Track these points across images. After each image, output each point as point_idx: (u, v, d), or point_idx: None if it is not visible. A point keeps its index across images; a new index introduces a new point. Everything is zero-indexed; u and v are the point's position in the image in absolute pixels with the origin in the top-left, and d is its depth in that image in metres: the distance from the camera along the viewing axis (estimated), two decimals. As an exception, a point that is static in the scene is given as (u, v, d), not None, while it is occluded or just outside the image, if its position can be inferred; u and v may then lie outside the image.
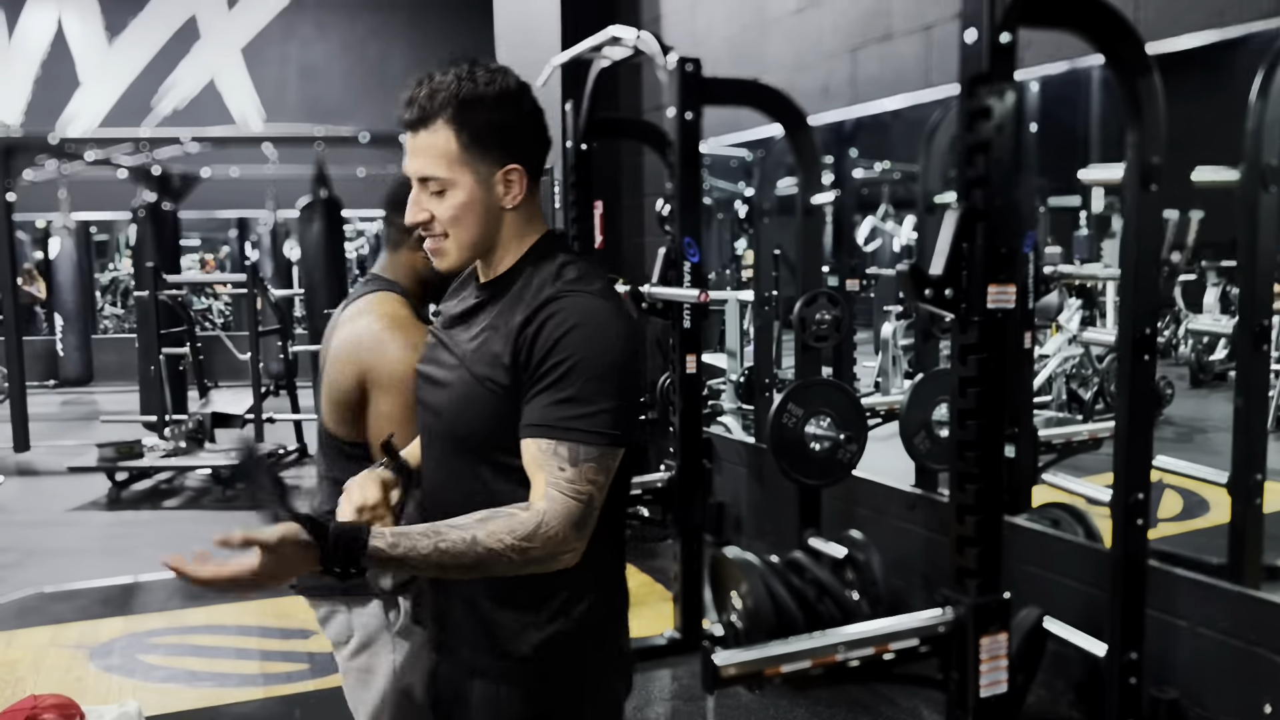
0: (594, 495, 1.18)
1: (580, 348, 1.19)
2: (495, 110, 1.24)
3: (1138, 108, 2.37)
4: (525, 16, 5.97)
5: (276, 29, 11.38)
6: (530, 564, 1.16)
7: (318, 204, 7.12)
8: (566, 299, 1.22)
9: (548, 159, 1.36)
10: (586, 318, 1.21)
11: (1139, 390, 2.44)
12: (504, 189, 1.27)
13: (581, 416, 1.17)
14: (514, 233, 1.30)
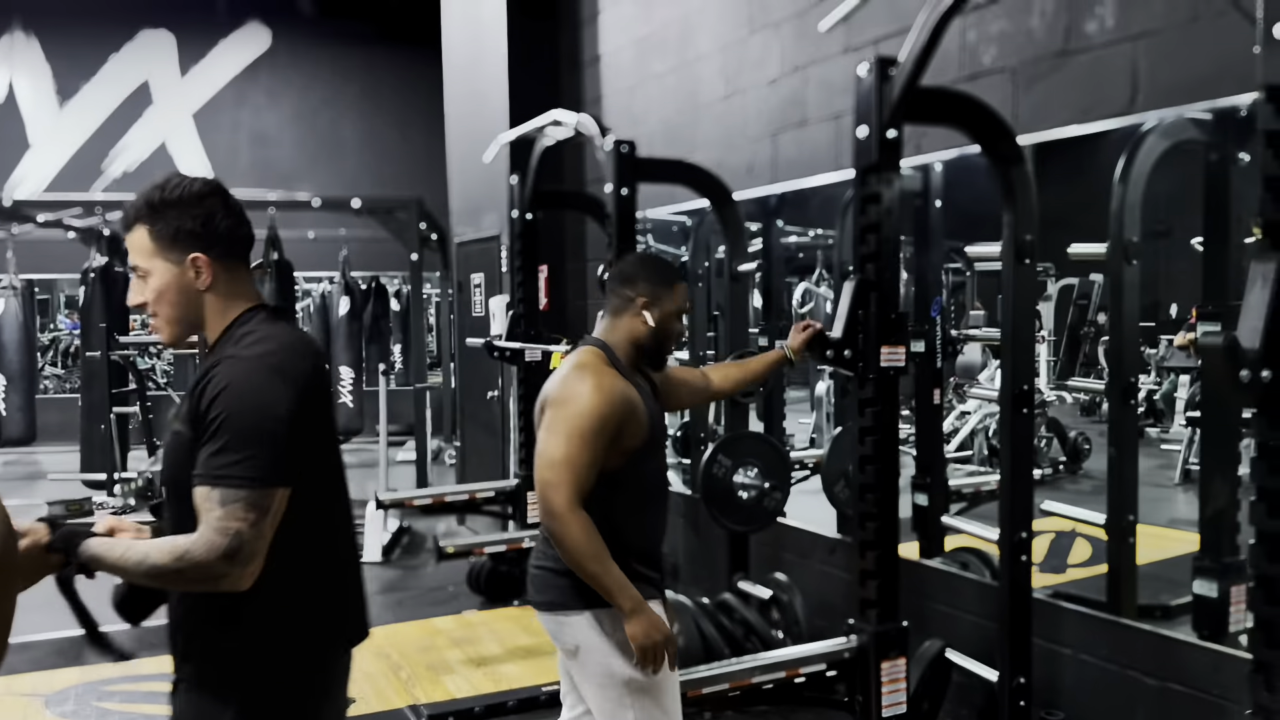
0: (243, 530, 1.39)
1: (230, 404, 1.43)
2: (177, 212, 1.52)
3: (1011, 192, 2.72)
4: (475, 93, 6.31)
5: (228, 96, 11.60)
6: (190, 583, 1.44)
7: (269, 265, 7.30)
8: (225, 364, 1.48)
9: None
10: (238, 379, 1.45)
11: (1019, 440, 2.76)
12: (194, 274, 1.53)
13: (230, 464, 1.40)
14: (216, 309, 1.56)
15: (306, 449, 1.51)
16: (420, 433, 6.94)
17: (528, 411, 4.70)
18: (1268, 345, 1.62)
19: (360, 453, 10.21)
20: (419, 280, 7.97)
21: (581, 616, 2.06)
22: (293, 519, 1.47)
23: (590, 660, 2.09)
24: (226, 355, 1.50)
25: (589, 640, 2.08)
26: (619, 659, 2.06)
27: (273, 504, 1.43)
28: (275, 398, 1.46)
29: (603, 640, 2.06)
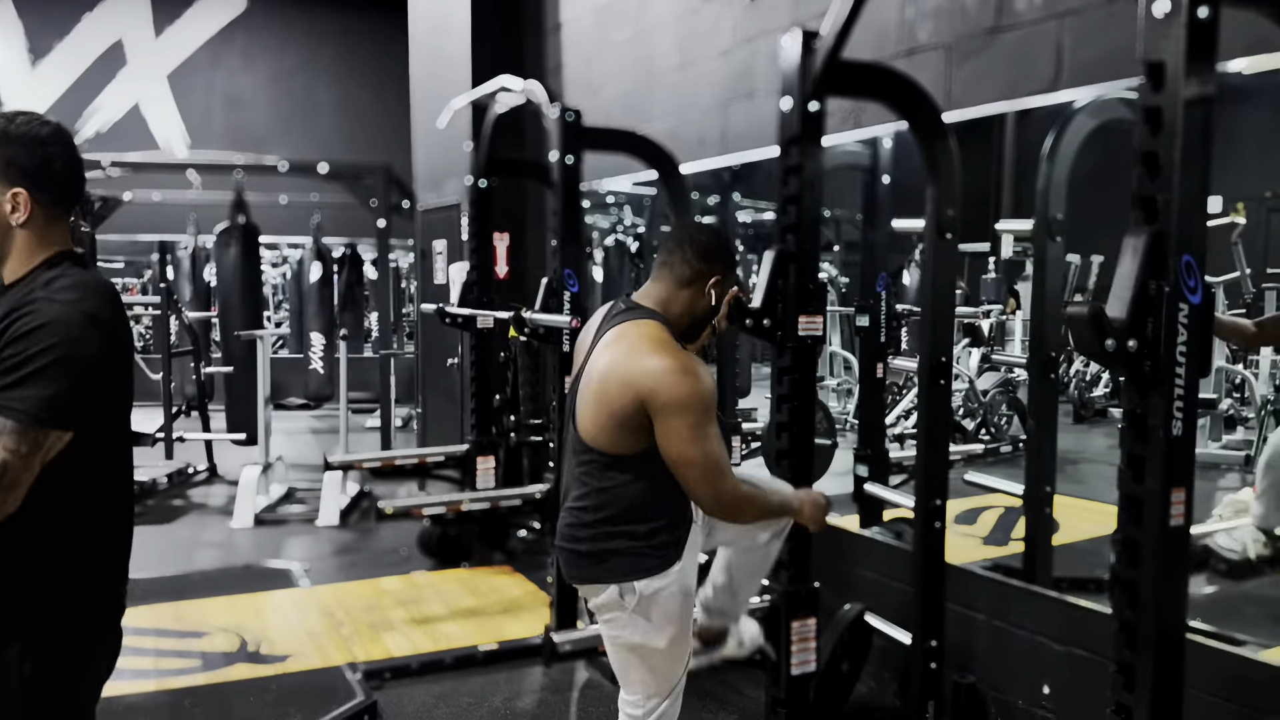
0: (10, 460, 1.41)
1: (40, 342, 1.45)
2: (16, 148, 1.55)
3: (935, 167, 2.77)
4: (438, 58, 6.29)
5: (203, 58, 11.51)
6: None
7: (235, 230, 7.29)
8: (41, 304, 1.49)
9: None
10: (55, 320, 1.47)
11: (936, 410, 2.82)
12: (10, 208, 1.56)
13: (19, 398, 1.43)
14: (24, 247, 1.58)
15: (101, 399, 1.55)
16: (385, 399, 6.97)
17: (479, 377, 4.74)
18: (1134, 316, 1.68)
19: (329, 418, 10.24)
20: (386, 247, 7.98)
21: (608, 593, 2.16)
22: (72, 466, 1.50)
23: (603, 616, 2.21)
24: (39, 296, 1.51)
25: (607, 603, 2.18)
26: (629, 628, 2.18)
27: (45, 445, 1.45)
28: (86, 344, 1.49)
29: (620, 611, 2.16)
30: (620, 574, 2.14)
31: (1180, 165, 1.66)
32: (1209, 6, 1.64)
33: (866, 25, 3.37)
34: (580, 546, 2.19)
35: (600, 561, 2.16)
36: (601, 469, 2.13)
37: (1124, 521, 1.77)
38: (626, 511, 2.13)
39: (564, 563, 2.26)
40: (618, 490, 2.13)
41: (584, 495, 2.17)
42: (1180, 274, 1.68)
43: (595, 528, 2.15)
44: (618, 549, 2.14)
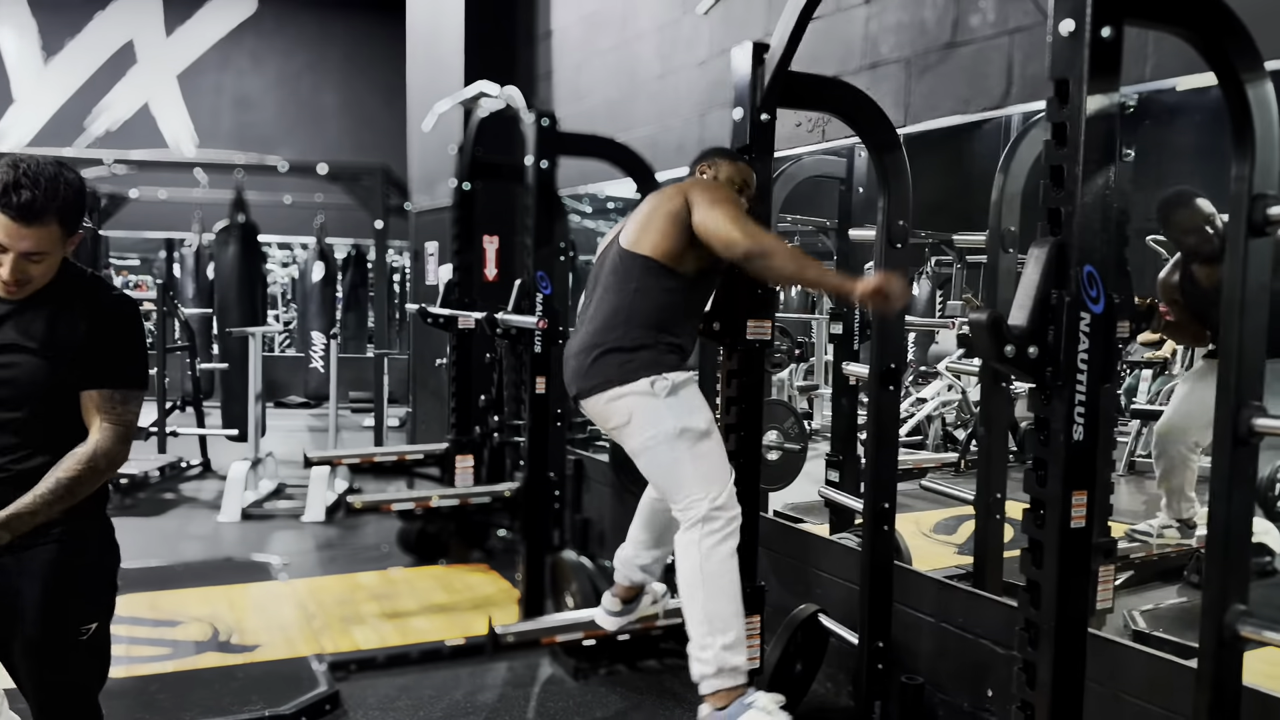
0: (133, 420, 1.87)
1: (129, 326, 1.90)
2: (78, 208, 1.81)
3: (886, 178, 2.83)
4: (434, 62, 6.39)
5: (212, 59, 11.66)
6: (102, 475, 1.85)
7: (234, 228, 7.40)
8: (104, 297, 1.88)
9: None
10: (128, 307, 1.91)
11: (885, 414, 2.88)
12: (72, 248, 1.86)
13: (134, 370, 1.89)
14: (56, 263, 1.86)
15: None
16: (379, 398, 7.06)
17: (460, 377, 4.82)
18: (1035, 323, 1.74)
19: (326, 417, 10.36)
20: (383, 247, 8.08)
21: (634, 385, 2.44)
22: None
23: (640, 423, 2.44)
24: (87, 290, 1.88)
25: (640, 405, 2.44)
26: (668, 415, 2.43)
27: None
28: (142, 323, 1.95)
29: (653, 400, 2.43)
30: (648, 367, 2.45)
31: (1083, 178, 1.72)
32: (1111, 27, 1.70)
33: (833, 39, 3.46)
34: (603, 353, 2.48)
35: (627, 361, 2.46)
36: (642, 271, 2.49)
37: (1028, 523, 1.83)
38: (655, 316, 2.48)
39: (584, 378, 2.52)
40: (652, 295, 2.49)
41: (616, 304, 2.52)
42: (1082, 284, 1.74)
43: (624, 328, 2.48)
44: (645, 344, 2.46)
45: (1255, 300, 1.96)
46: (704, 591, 2.38)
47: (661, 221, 2.50)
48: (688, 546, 2.41)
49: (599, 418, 2.56)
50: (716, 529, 2.40)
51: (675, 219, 2.47)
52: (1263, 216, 1.92)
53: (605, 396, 2.47)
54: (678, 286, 2.51)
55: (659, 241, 2.49)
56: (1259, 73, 1.91)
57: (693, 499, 2.40)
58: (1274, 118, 1.93)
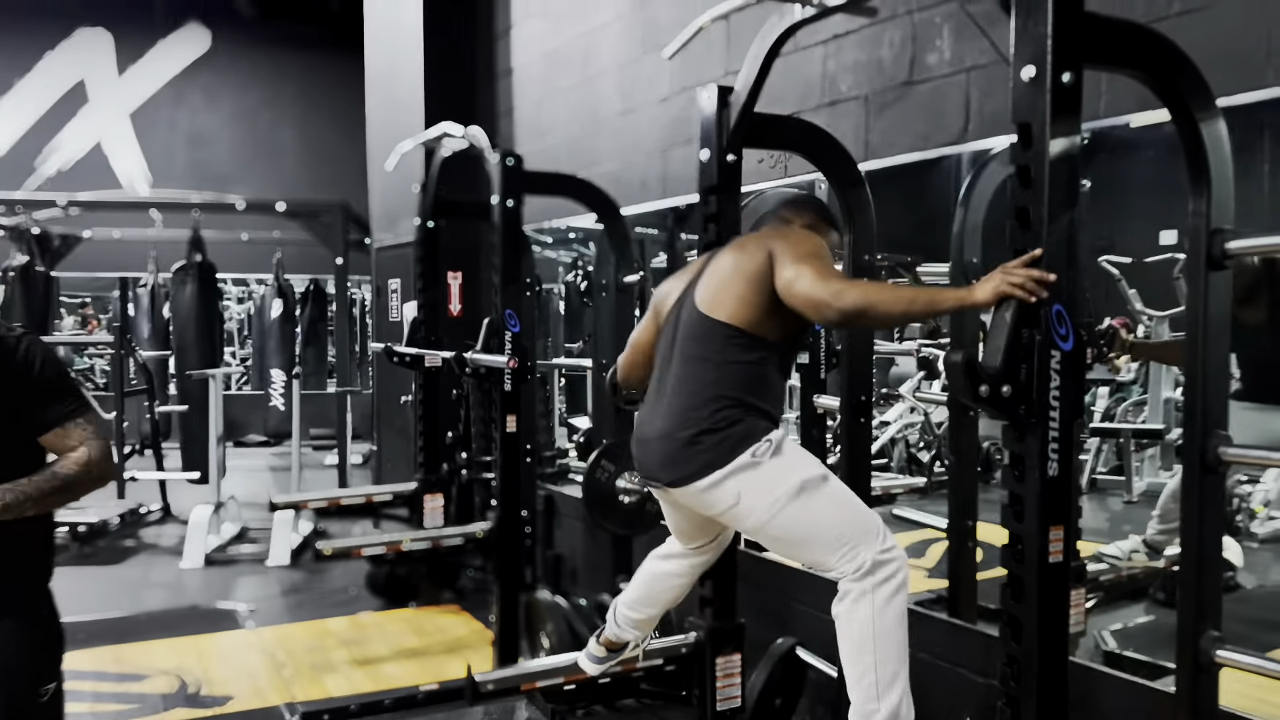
0: (106, 431, 1.95)
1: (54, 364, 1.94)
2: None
3: (851, 214, 2.88)
4: (394, 100, 6.38)
5: (166, 96, 11.55)
6: (95, 483, 1.94)
7: (191, 268, 7.32)
8: (18, 340, 1.90)
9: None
10: (40, 346, 1.94)
11: (857, 444, 2.91)
12: None
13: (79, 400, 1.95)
14: None
15: None
16: (341, 436, 6.99)
17: (428, 416, 4.79)
18: (1008, 363, 1.77)
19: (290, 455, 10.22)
20: (344, 284, 8.00)
21: (735, 462, 2.15)
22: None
23: (754, 498, 2.16)
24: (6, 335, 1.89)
25: (749, 480, 2.16)
26: (781, 475, 2.15)
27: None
28: (43, 344, 1.96)
29: (757, 468, 2.15)
30: (747, 438, 2.16)
31: (1048, 219, 1.76)
32: (1071, 72, 1.74)
33: (792, 78, 3.51)
34: (696, 434, 2.19)
35: (723, 440, 2.17)
36: (723, 342, 2.24)
37: (1007, 558, 1.85)
38: (747, 387, 2.21)
39: (676, 466, 2.22)
40: (740, 368, 2.23)
41: (701, 378, 2.24)
42: (1051, 322, 1.77)
43: (714, 404, 2.20)
44: (738, 419, 2.18)
45: (1217, 331, 2.01)
46: (875, 654, 2.11)
47: (742, 286, 2.23)
48: (858, 600, 2.10)
49: (702, 505, 2.26)
50: (889, 577, 2.09)
51: (757, 282, 2.20)
52: (1221, 250, 1.97)
53: (706, 483, 2.18)
54: (767, 355, 2.25)
55: (739, 309, 2.23)
56: (1212, 111, 1.97)
57: (850, 548, 2.10)
58: (1227, 154, 1.99)
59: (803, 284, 2.10)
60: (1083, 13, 1.75)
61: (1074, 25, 1.74)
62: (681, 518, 2.47)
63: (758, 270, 2.21)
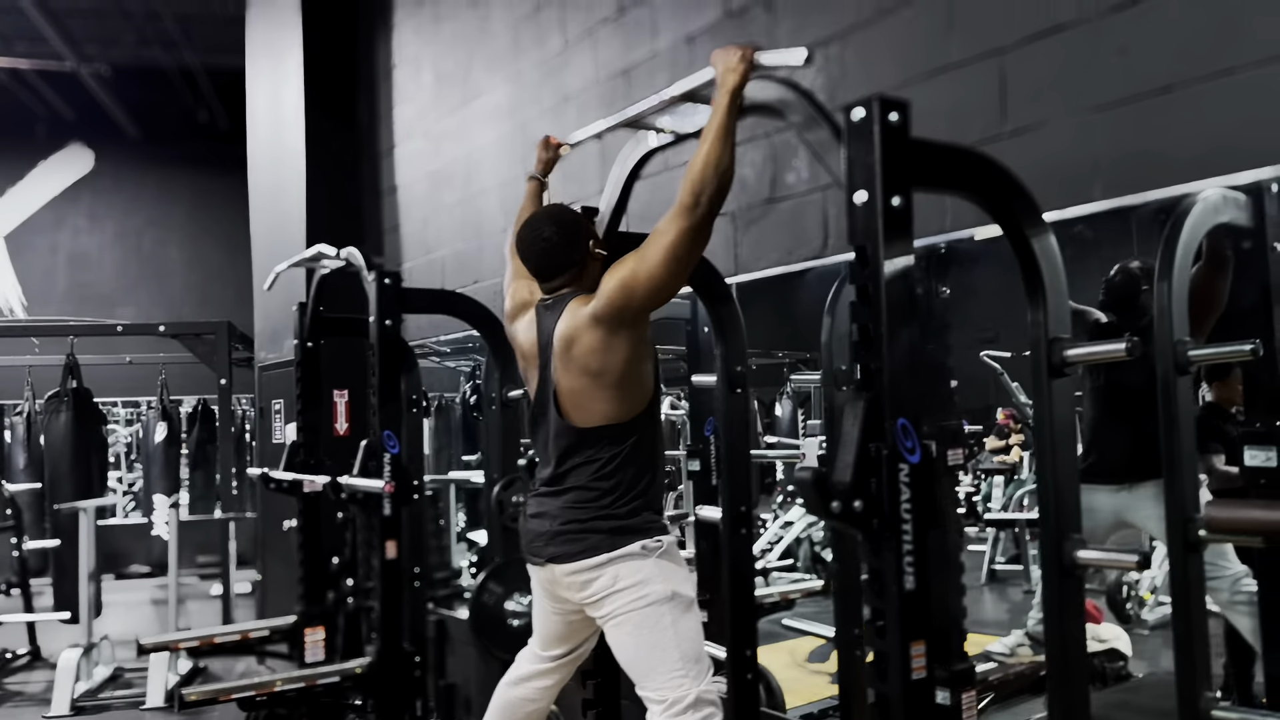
0: None
1: None
2: None
3: (722, 328, 2.92)
4: (276, 218, 6.33)
5: (46, 218, 11.29)
6: None
7: (65, 395, 7.02)
8: None
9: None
10: None
11: (738, 559, 2.88)
12: None
13: None
14: None
15: None
16: (225, 565, 6.68)
17: (308, 544, 4.60)
18: (857, 478, 1.78)
19: (172, 587, 9.70)
20: (227, 405, 7.77)
21: (623, 550, 2.28)
22: None
23: (626, 586, 2.27)
24: None
25: (630, 570, 2.27)
26: (659, 576, 2.27)
27: None
28: None
29: (643, 561, 2.28)
30: (640, 531, 2.30)
31: (888, 336, 1.80)
32: (900, 196, 1.81)
33: (663, 196, 3.59)
34: (589, 519, 2.31)
35: (618, 527, 2.29)
36: (601, 441, 2.33)
37: (871, 676, 1.83)
38: (633, 474, 2.34)
39: (560, 543, 2.33)
40: (624, 460, 2.33)
41: (590, 476, 2.34)
42: (897, 436, 1.80)
43: (609, 498, 2.32)
44: (633, 511, 2.32)
45: (1064, 436, 2.07)
46: None
47: (599, 386, 2.34)
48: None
49: (569, 586, 2.34)
50: (705, 718, 2.20)
51: (608, 360, 2.33)
52: (1060, 358, 2.05)
53: (588, 564, 2.28)
54: (642, 431, 2.39)
55: (607, 409, 2.34)
56: (1041, 226, 2.06)
57: (675, 679, 2.20)
58: (1059, 265, 2.08)
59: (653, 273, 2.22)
60: (909, 140, 1.83)
61: (901, 151, 1.82)
62: (551, 611, 2.52)
63: (599, 346, 2.30)
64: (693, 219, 2.15)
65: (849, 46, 2.85)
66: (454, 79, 5.00)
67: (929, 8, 2.64)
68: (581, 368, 2.34)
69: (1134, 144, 2.22)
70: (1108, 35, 2.25)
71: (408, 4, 5.46)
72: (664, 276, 2.23)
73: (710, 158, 2.10)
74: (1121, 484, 3.20)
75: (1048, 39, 2.36)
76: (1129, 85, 2.22)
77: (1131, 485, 3.18)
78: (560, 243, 2.43)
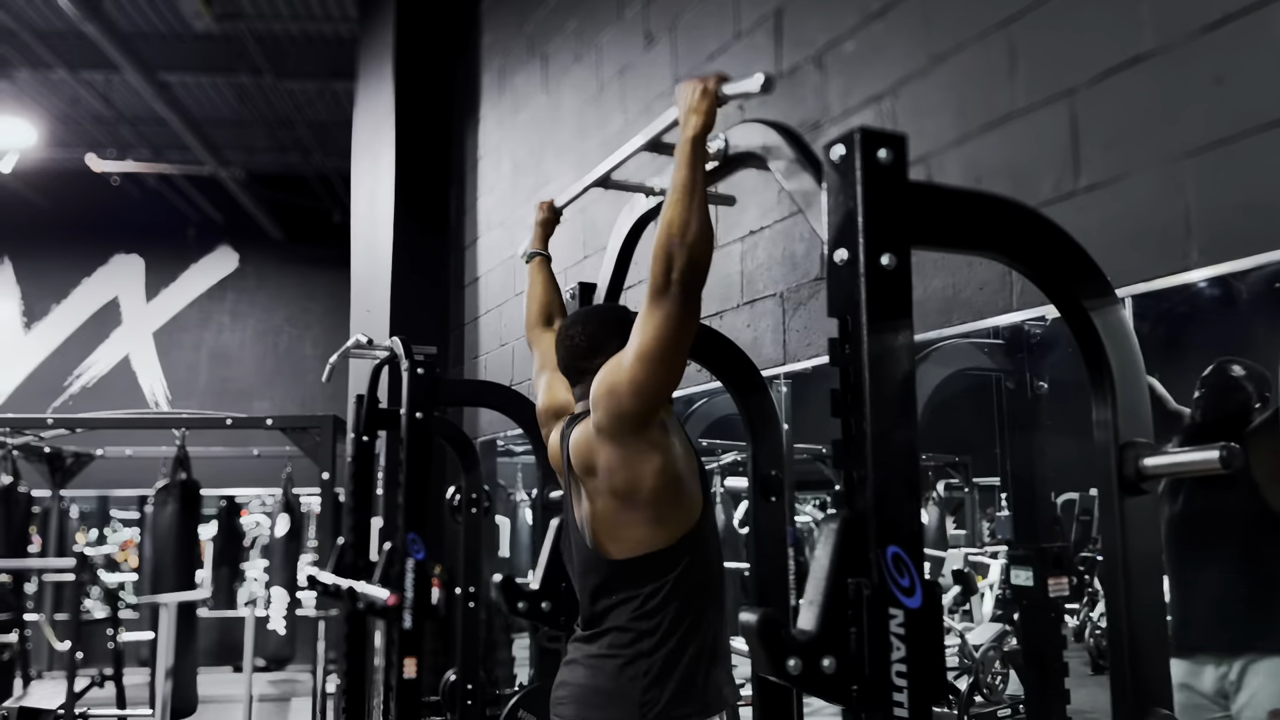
0: None
1: None
2: None
3: (752, 424, 2.50)
4: (371, 315, 6.30)
5: (192, 315, 11.85)
6: None
7: (174, 487, 7.11)
8: None
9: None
10: None
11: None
12: None
13: None
14: None
15: None
16: (313, 666, 6.49)
17: (352, 655, 4.30)
18: (827, 626, 1.32)
19: (287, 683, 9.65)
20: (330, 498, 7.73)
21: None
22: None
23: None
24: None
25: None
26: None
27: None
28: None
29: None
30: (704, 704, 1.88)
31: (873, 436, 1.37)
32: (893, 254, 1.39)
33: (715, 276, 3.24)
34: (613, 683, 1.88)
35: (649, 703, 1.85)
36: (639, 575, 1.91)
37: None
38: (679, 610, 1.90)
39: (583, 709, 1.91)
40: (666, 593, 1.90)
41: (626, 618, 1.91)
42: (886, 569, 1.34)
43: (646, 644, 1.88)
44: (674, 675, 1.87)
45: (1144, 575, 1.55)
46: None
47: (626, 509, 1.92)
48: None
49: None
50: None
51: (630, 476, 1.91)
52: (1136, 469, 1.55)
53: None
54: (692, 555, 1.95)
55: (643, 536, 1.93)
56: (1106, 298, 1.59)
57: None
58: (1133, 348, 1.60)
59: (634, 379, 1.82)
60: (907, 184, 1.43)
61: (895, 198, 1.41)
62: None
63: (614, 463, 1.90)
64: (667, 305, 1.74)
65: (900, 100, 2.47)
66: (528, 166, 4.85)
67: (986, 48, 2.23)
68: (608, 488, 1.95)
69: (1237, 195, 1.73)
70: (1198, 62, 1.79)
71: (492, 94, 5.40)
72: (647, 379, 1.81)
73: (675, 224, 1.70)
74: (1217, 657, 2.34)
75: (1124, 73, 1.92)
76: (1228, 122, 1.74)
77: (1232, 658, 2.32)
78: (584, 346, 2.07)
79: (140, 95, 8.00)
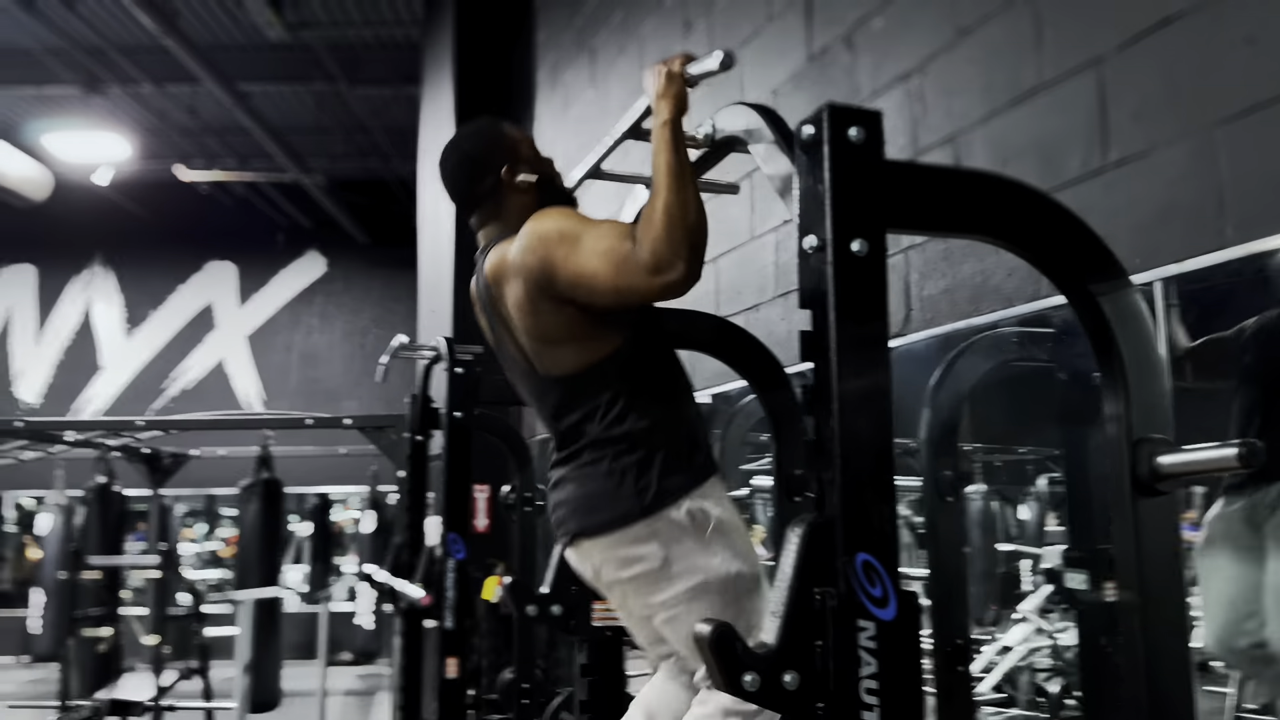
0: None
1: None
2: None
3: (777, 423, 2.41)
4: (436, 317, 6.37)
5: (284, 319, 12.19)
6: None
7: (258, 485, 7.32)
8: None
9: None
10: None
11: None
12: None
13: None
14: None
15: None
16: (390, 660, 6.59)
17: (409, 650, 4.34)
18: (789, 639, 1.23)
19: (374, 677, 9.85)
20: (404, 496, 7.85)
21: (664, 514, 1.77)
22: None
23: (678, 572, 1.77)
24: None
25: (678, 547, 1.77)
26: (719, 554, 1.77)
27: None
28: None
29: (694, 538, 1.77)
30: (677, 489, 1.78)
31: (841, 435, 1.27)
32: (864, 240, 1.30)
33: (748, 270, 3.15)
34: (604, 483, 1.81)
35: (644, 488, 1.78)
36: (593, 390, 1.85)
37: None
38: (646, 411, 1.83)
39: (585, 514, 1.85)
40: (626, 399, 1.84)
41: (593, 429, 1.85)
42: (857, 579, 1.24)
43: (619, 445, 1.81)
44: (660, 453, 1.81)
45: (1163, 586, 1.42)
46: None
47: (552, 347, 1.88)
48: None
49: (610, 563, 1.85)
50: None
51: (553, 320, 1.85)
52: (1150, 468, 1.41)
53: (624, 537, 1.80)
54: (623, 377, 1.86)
55: (576, 357, 1.87)
56: (1116, 281, 1.46)
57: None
58: (1148, 336, 1.47)
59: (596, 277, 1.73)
60: (883, 163, 1.32)
61: (868, 179, 1.32)
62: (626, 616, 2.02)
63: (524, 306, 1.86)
64: (649, 282, 1.66)
65: (928, 78, 2.34)
66: (576, 160, 4.81)
67: (1013, 17, 2.10)
68: (518, 297, 1.90)
69: (1273, 164, 1.57)
70: (1230, 21, 1.64)
71: (545, 92, 5.38)
72: (597, 289, 1.75)
73: (673, 209, 1.61)
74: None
75: (1153, 36, 1.77)
76: (1262, 86, 1.59)
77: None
78: (459, 169, 2.06)
79: (222, 106, 8.25)
